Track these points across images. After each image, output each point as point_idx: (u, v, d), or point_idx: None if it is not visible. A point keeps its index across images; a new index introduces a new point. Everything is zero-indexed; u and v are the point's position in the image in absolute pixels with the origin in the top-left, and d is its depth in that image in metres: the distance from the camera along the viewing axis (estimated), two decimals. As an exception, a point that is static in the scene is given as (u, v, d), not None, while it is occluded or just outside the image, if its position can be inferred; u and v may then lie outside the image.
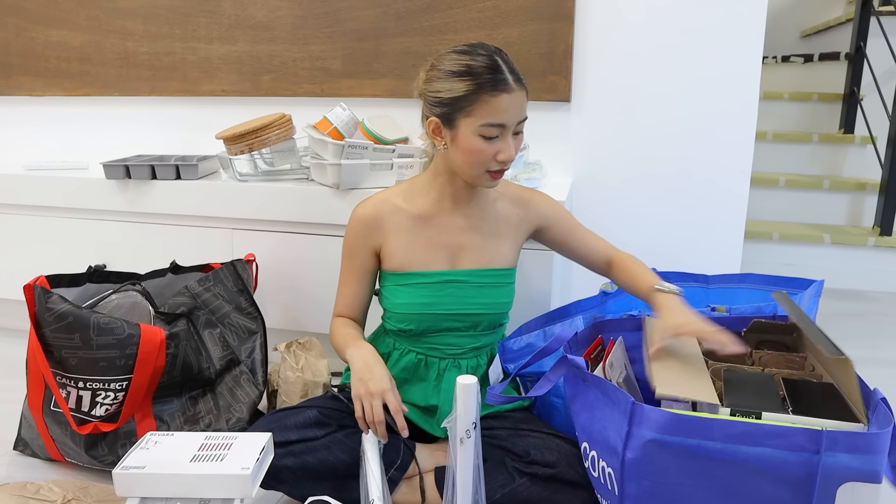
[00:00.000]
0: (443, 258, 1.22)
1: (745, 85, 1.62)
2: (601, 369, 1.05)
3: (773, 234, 2.57)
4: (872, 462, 0.81)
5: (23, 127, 2.17)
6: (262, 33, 1.89)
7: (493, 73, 1.08)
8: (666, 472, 0.87)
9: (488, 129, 1.08)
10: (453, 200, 1.21)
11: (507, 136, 1.10)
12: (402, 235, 1.21)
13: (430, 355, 1.24)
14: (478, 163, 1.11)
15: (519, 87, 1.10)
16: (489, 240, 1.23)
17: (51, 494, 1.14)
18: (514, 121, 1.10)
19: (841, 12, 3.35)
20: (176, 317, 1.34)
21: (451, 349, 1.23)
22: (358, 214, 1.23)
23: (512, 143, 1.11)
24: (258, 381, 1.41)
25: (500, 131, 1.09)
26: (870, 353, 1.90)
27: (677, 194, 1.71)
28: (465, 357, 1.24)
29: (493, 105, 1.07)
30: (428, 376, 1.24)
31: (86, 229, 1.79)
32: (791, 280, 1.39)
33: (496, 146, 1.10)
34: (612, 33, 1.67)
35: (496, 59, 1.09)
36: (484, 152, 1.10)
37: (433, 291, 1.21)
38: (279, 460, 1.08)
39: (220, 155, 1.71)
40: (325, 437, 1.12)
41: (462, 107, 1.08)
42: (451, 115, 1.10)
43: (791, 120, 3.13)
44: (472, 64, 1.08)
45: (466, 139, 1.10)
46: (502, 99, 1.07)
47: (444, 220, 1.22)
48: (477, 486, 0.95)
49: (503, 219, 1.25)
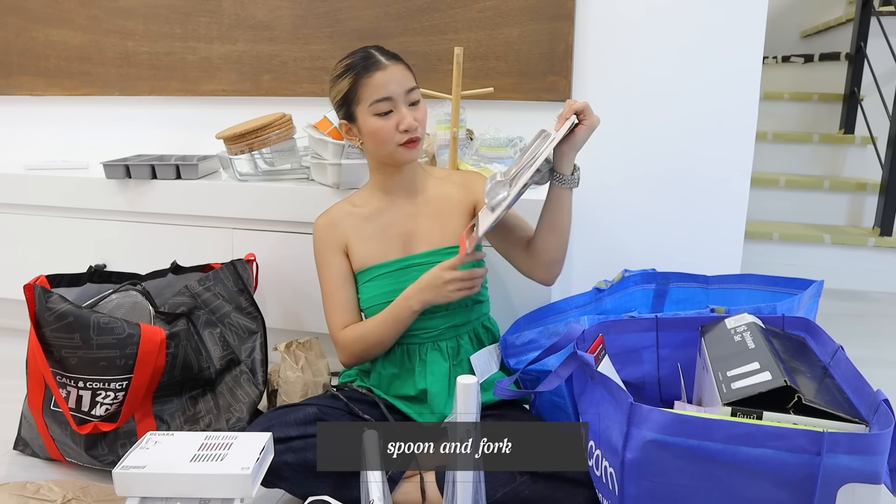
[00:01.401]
0: (397, 247, 1.28)
1: (746, 85, 1.62)
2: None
3: (773, 234, 2.57)
4: (873, 463, 0.81)
5: (23, 127, 2.17)
6: (262, 33, 1.89)
7: (364, 60, 1.19)
8: (666, 472, 0.87)
9: (377, 105, 1.18)
10: (393, 191, 1.29)
11: (401, 107, 1.19)
12: (357, 236, 1.29)
13: (410, 343, 1.27)
14: (384, 140, 1.20)
15: (394, 63, 1.19)
16: (437, 221, 1.28)
17: (51, 494, 1.13)
18: (399, 90, 1.18)
19: (841, 12, 3.34)
20: (176, 316, 1.34)
21: (426, 332, 1.27)
22: (317, 224, 1.32)
23: (408, 112, 1.19)
24: (258, 380, 1.41)
25: (391, 104, 1.18)
26: (870, 353, 1.90)
27: (678, 194, 1.71)
28: (443, 338, 1.27)
29: (371, 84, 1.18)
30: (413, 365, 1.27)
31: (86, 229, 1.79)
32: (791, 280, 1.39)
33: (393, 119, 1.19)
34: (613, 33, 1.67)
35: (369, 50, 1.21)
36: (384, 128, 1.19)
37: (395, 279, 1.26)
38: (279, 457, 1.08)
39: (221, 155, 1.71)
40: None
41: (351, 99, 1.20)
42: (349, 111, 1.22)
43: (791, 120, 3.12)
44: (349, 62, 1.21)
45: (367, 125, 1.20)
46: (377, 76, 1.17)
47: (391, 213, 1.29)
48: (477, 485, 0.95)
49: (446, 199, 1.30)
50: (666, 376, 1.23)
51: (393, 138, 1.19)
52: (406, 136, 1.19)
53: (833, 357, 1.04)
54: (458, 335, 1.29)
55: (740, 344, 1.03)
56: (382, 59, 1.19)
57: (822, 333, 1.11)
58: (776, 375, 0.90)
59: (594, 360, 1.04)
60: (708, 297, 1.46)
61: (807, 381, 0.94)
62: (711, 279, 1.46)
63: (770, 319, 1.15)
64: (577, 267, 1.79)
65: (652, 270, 1.47)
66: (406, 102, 1.19)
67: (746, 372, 0.95)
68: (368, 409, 1.23)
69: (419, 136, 1.21)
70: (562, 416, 1.24)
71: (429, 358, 1.26)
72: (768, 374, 0.92)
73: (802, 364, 1.01)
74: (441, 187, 1.32)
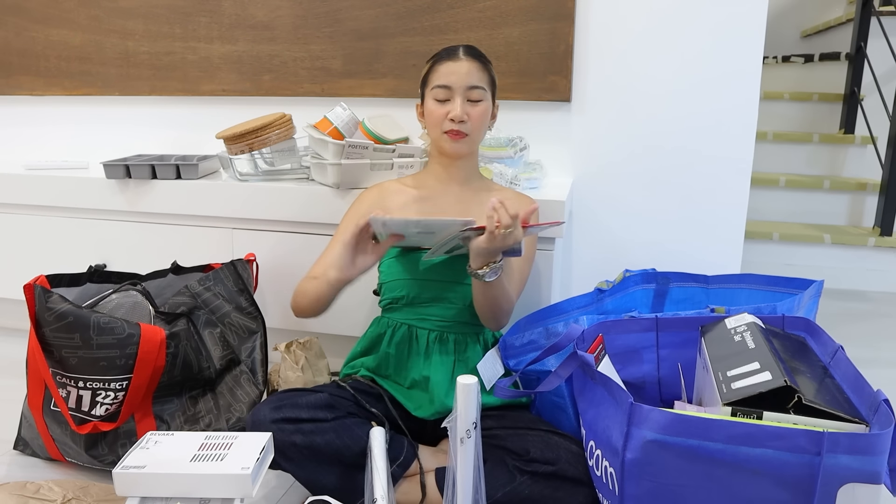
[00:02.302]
0: None
1: (746, 85, 1.62)
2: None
3: (773, 234, 2.57)
4: (873, 463, 0.81)
5: (23, 127, 2.17)
6: (262, 33, 1.89)
7: (446, 50, 1.29)
8: (666, 472, 0.87)
9: (437, 91, 1.26)
10: (444, 181, 1.34)
11: (456, 98, 1.25)
12: (401, 211, 1.33)
13: (420, 326, 1.29)
14: (434, 124, 1.28)
15: (468, 59, 1.26)
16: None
17: (51, 494, 1.13)
18: (460, 83, 1.25)
19: (841, 12, 3.35)
20: (176, 316, 1.34)
21: (438, 320, 1.28)
22: (366, 190, 1.40)
23: (461, 105, 1.25)
24: (258, 380, 1.41)
25: (449, 94, 1.26)
26: (870, 353, 1.90)
27: (678, 194, 1.71)
28: (451, 331, 1.28)
29: (440, 71, 1.27)
30: (418, 348, 1.28)
31: (86, 229, 1.79)
32: (791, 280, 1.39)
33: (447, 107, 1.26)
34: (613, 33, 1.67)
35: (457, 46, 1.29)
36: (434, 113, 1.27)
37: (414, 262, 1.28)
38: (288, 437, 1.09)
39: (221, 155, 1.71)
40: (334, 421, 1.13)
41: (425, 82, 1.30)
42: (422, 92, 1.32)
43: (791, 120, 3.13)
44: (437, 51, 1.31)
45: (426, 106, 1.29)
46: (447, 65, 1.26)
47: (438, 199, 1.33)
48: (477, 485, 0.95)
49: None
50: (666, 376, 1.23)
51: (440, 125, 1.26)
52: (451, 126, 1.25)
53: (833, 357, 1.04)
54: (467, 333, 1.30)
55: (740, 344, 1.03)
56: (459, 53, 1.27)
57: (822, 333, 1.11)
58: (776, 375, 0.90)
59: (594, 360, 1.04)
60: (708, 297, 1.46)
61: (807, 381, 0.94)
62: (711, 279, 1.46)
63: (770, 319, 1.15)
64: (576, 267, 1.80)
65: (652, 270, 1.48)
66: (465, 97, 1.25)
67: (746, 372, 0.95)
68: (374, 401, 1.23)
69: (465, 132, 1.26)
70: (562, 416, 1.24)
71: (434, 347, 1.28)
72: (768, 374, 0.92)
73: (802, 364, 1.01)
74: (490, 195, 1.31)
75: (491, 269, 1.13)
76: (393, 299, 1.30)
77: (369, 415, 1.19)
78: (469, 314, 1.28)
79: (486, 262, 1.13)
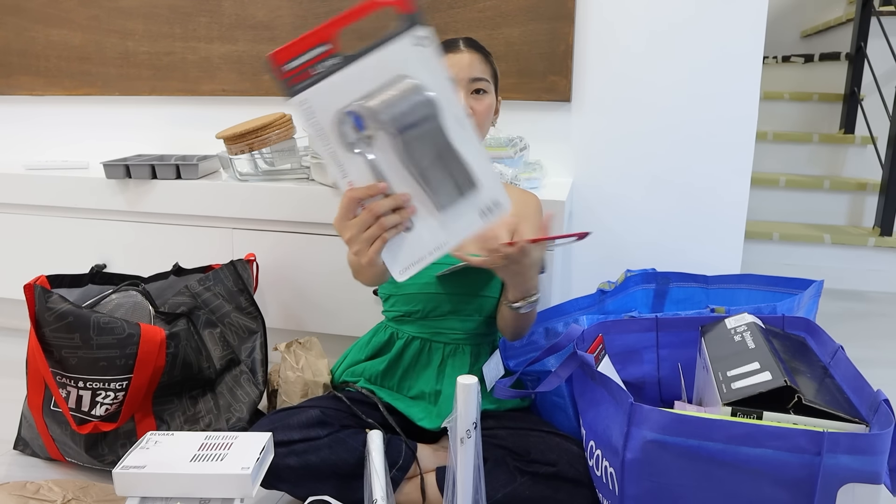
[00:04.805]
0: None
1: (746, 85, 1.62)
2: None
3: (773, 234, 2.57)
4: (873, 463, 0.81)
5: (23, 127, 2.17)
6: (262, 33, 1.89)
7: (448, 42, 1.24)
8: (666, 472, 0.87)
9: None
10: None
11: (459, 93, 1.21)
12: None
13: (435, 340, 1.26)
14: None
15: (469, 49, 1.22)
16: None
17: (51, 494, 1.13)
18: (462, 77, 1.20)
19: (841, 12, 3.35)
20: (176, 316, 1.34)
21: (454, 333, 1.25)
22: None
23: (464, 98, 1.21)
24: (258, 380, 1.41)
25: None
26: (870, 353, 1.90)
27: (677, 194, 1.71)
28: (467, 343, 1.26)
29: None
30: (432, 362, 1.26)
31: (86, 229, 1.79)
32: (791, 280, 1.39)
33: None
34: (613, 33, 1.67)
35: (457, 38, 1.25)
36: None
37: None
38: (282, 459, 1.08)
39: (221, 155, 1.71)
40: (327, 437, 1.12)
41: None
42: None
43: (791, 120, 3.13)
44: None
45: None
46: (447, 57, 1.21)
47: None
48: (477, 485, 0.94)
49: None
50: (666, 376, 1.23)
51: None
52: None
53: (833, 357, 1.04)
54: (480, 344, 1.28)
55: (740, 344, 1.03)
56: (459, 45, 1.24)
57: (822, 333, 1.11)
58: (776, 375, 0.90)
59: (594, 360, 1.04)
60: (708, 297, 1.46)
61: (807, 381, 0.94)
62: (711, 279, 1.46)
63: (770, 319, 1.15)
64: (577, 267, 1.80)
65: (652, 270, 1.47)
66: (468, 89, 1.22)
67: (746, 372, 0.95)
68: (370, 411, 1.22)
69: None
70: (562, 416, 1.24)
71: (449, 361, 1.25)
72: (768, 374, 0.92)
73: (802, 364, 1.01)
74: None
75: (528, 302, 1.12)
76: (405, 312, 1.26)
77: (365, 424, 1.18)
78: (486, 326, 1.27)
79: (524, 297, 1.11)
